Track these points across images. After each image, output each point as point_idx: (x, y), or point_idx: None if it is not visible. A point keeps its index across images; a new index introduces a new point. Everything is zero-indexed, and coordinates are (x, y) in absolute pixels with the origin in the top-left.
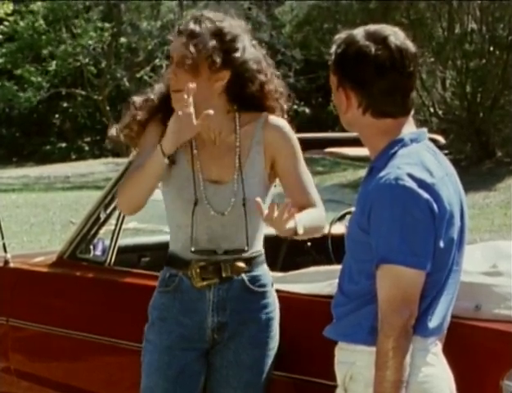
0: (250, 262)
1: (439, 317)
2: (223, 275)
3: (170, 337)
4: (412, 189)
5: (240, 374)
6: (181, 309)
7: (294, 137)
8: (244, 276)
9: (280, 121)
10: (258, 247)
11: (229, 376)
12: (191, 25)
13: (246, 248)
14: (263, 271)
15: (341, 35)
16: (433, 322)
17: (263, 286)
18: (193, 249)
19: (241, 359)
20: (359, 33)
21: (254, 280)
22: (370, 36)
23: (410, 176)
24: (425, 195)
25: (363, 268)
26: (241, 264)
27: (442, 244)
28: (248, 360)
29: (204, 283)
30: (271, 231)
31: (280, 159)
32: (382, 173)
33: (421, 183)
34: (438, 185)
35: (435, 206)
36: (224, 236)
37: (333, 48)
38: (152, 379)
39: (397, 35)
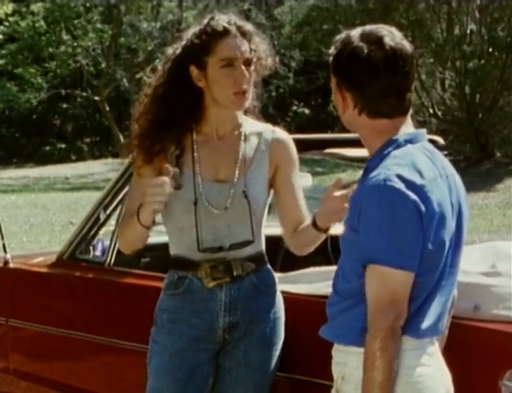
0: (257, 261)
1: (432, 318)
2: (234, 274)
3: (182, 339)
4: (400, 190)
5: (249, 375)
6: (193, 311)
7: (296, 151)
8: (253, 275)
9: (286, 134)
10: (262, 247)
11: (238, 377)
12: (247, 26)
13: (252, 238)
14: (269, 271)
15: (341, 36)
16: (425, 324)
17: (270, 286)
18: (200, 248)
19: (251, 360)
20: (355, 33)
21: (262, 279)
22: (365, 37)
23: (399, 177)
24: (413, 196)
25: (355, 267)
26: (250, 263)
27: (430, 246)
28: (257, 361)
29: (216, 283)
30: (269, 232)
31: (282, 168)
32: (373, 174)
33: (410, 184)
34: (428, 187)
35: (423, 207)
36: (230, 232)
37: (331, 49)
38: (161, 381)
39: (392, 35)
